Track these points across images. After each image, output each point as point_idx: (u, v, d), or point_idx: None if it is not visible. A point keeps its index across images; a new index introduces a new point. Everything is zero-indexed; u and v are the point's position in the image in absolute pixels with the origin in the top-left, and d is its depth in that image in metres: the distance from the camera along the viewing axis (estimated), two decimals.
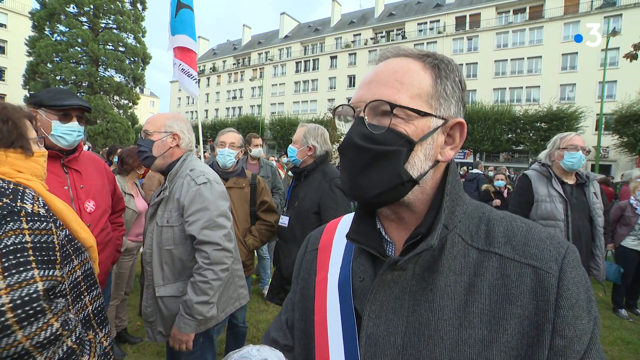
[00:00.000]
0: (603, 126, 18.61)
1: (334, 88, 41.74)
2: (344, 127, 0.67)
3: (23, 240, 0.95)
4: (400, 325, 0.56)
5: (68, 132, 1.74)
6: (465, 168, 18.64)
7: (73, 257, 1.12)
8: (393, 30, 40.19)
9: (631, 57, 11.49)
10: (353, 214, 0.70)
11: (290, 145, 2.28)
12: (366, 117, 0.58)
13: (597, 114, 21.19)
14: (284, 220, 2.22)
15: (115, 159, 4.14)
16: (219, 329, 1.85)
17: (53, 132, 1.70)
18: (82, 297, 1.13)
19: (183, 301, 1.59)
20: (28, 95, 19.41)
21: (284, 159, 9.31)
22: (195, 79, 3.01)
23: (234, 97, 51.00)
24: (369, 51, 39.70)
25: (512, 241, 0.56)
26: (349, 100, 0.68)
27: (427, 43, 35.77)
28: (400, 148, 0.56)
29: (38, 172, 1.18)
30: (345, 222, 0.76)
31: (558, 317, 0.50)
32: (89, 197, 1.88)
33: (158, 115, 1.82)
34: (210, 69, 54.77)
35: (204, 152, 4.37)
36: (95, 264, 1.27)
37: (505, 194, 5.95)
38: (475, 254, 0.56)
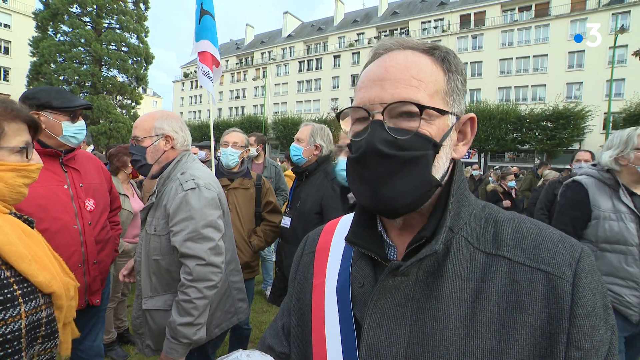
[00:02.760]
0: (611, 125, 18.36)
1: (337, 87, 41.66)
2: (351, 131, 0.59)
3: None
4: (403, 335, 0.53)
5: (78, 131, 1.79)
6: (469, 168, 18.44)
7: None
8: (397, 29, 40.01)
9: None
10: (352, 214, 0.65)
11: (293, 144, 2.24)
12: (386, 121, 0.54)
13: (605, 113, 20.95)
14: (285, 221, 2.19)
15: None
16: (216, 344, 1.72)
17: (65, 133, 1.73)
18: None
19: (168, 323, 1.45)
20: None
21: None
22: (211, 77, 3.01)
23: (237, 97, 51.06)
24: None
25: (522, 244, 0.53)
26: (352, 99, 0.63)
27: (431, 42, 35.49)
28: (427, 152, 0.53)
29: None
30: (344, 223, 0.72)
31: (573, 327, 0.47)
32: (88, 195, 1.89)
33: (145, 117, 1.65)
34: None
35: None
36: (60, 313, 1.01)
37: (512, 194, 5.83)
38: (483, 258, 0.53)
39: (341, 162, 1.71)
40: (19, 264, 0.91)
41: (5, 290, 0.87)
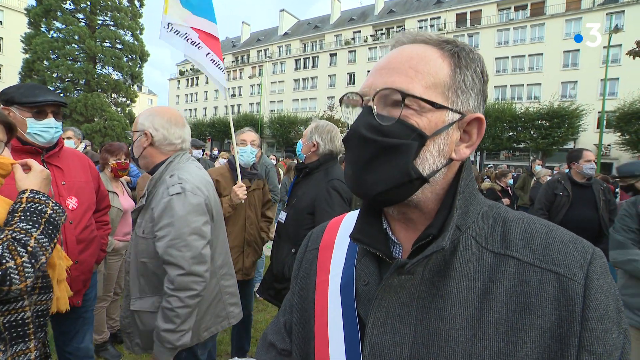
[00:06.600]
0: (605, 124, 18.46)
1: (334, 86, 41.58)
2: (351, 116, 0.59)
3: None
4: (408, 334, 0.52)
5: (45, 129, 1.69)
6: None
7: None
8: (393, 27, 39.98)
9: (634, 54, 11.34)
10: (357, 211, 0.64)
11: (300, 139, 2.31)
12: (375, 107, 0.54)
13: (599, 112, 21.08)
14: (282, 216, 2.19)
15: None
16: (206, 344, 1.69)
17: (29, 130, 1.66)
18: None
19: (155, 326, 1.44)
20: None
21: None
22: (222, 69, 2.74)
23: (233, 95, 50.80)
24: (369, 48, 39.55)
25: (532, 244, 0.51)
26: None
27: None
28: (410, 142, 0.51)
29: None
30: (349, 220, 0.71)
31: (585, 330, 0.46)
32: (71, 193, 1.84)
33: (142, 112, 1.69)
34: None
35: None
36: (52, 271, 1.19)
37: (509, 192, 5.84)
38: (491, 258, 0.52)
39: None
40: None
41: None
